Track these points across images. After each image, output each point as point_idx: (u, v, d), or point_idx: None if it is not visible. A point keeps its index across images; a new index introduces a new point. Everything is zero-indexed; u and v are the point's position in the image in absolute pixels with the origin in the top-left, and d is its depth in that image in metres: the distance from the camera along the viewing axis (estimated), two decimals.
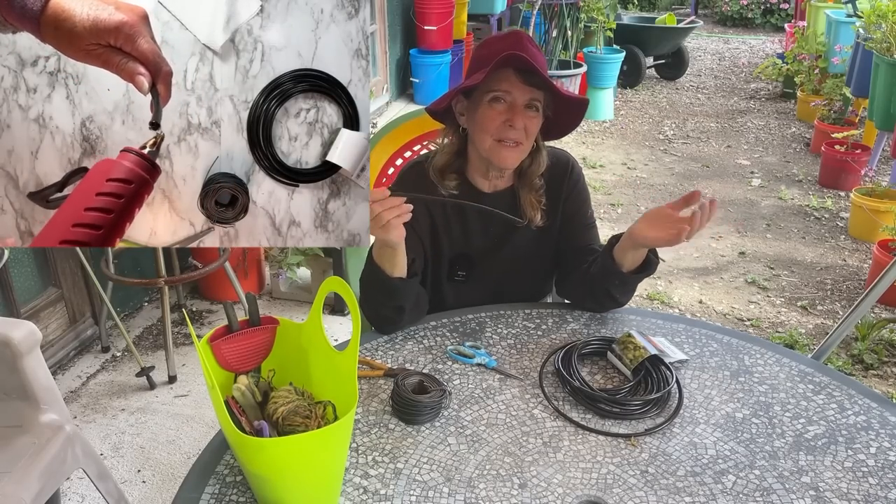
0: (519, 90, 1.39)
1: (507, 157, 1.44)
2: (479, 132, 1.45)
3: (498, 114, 1.41)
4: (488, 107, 1.42)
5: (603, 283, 1.47)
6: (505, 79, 1.39)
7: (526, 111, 1.41)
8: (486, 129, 1.43)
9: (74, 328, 2.78)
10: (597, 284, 1.48)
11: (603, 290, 1.48)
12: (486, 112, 1.42)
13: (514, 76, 1.38)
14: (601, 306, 1.53)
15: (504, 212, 1.49)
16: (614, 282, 1.45)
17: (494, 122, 1.41)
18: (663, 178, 4.77)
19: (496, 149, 1.43)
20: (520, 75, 1.38)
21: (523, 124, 1.41)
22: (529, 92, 1.40)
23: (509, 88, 1.39)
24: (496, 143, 1.43)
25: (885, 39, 3.81)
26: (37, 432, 1.58)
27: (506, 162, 1.45)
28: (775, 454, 1.14)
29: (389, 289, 1.39)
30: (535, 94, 1.40)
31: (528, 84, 1.39)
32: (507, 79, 1.39)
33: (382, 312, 1.43)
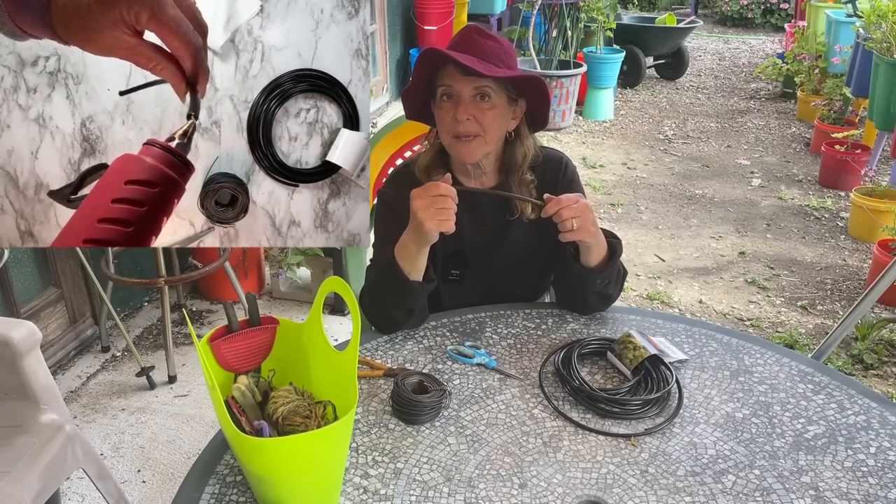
0: (460, 82, 1.39)
1: (465, 152, 1.44)
2: (440, 130, 1.47)
3: (447, 110, 1.42)
4: (439, 105, 1.43)
5: (587, 286, 1.47)
6: (447, 74, 1.40)
7: (476, 102, 1.40)
8: (443, 127, 1.45)
9: (74, 328, 2.78)
10: (583, 289, 1.48)
11: (590, 293, 1.48)
12: (438, 111, 1.44)
13: (454, 70, 1.39)
14: (601, 306, 1.53)
15: (494, 208, 1.51)
16: (595, 280, 1.45)
17: (446, 119, 1.42)
18: (663, 178, 4.77)
19: (454, 145, 1.44)
20: (458, 68, 1.38)
21: (469, 116, 1.40)
22: (471, 82, 1.39)
23: (450, 82, 1.40)
24: (453, 139, 1.43)
25: (885, 39, 3.80)
26: (37, 432, 1.58)
27: (464, 157, 1.45)
28: (775, 454, 1.14)
29: (406, 290, 1.39)
30: (478, 83, 1.39)
31: (467, 75, 1.38)
32: (449, 73, 1.40)
33: (391, 313, 1.43)
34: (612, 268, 1.45)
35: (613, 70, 5.97)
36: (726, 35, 9.83)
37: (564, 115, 5.71)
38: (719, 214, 4.22)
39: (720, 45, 9.16)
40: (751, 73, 7.37)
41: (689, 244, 3.85)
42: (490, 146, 1.46)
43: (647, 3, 10.75)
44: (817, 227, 4.05)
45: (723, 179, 4.76)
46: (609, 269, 1.44)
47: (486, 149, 1.46)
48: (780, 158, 5.12)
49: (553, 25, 6.01)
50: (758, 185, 4.64)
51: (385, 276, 1.41)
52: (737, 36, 9.76)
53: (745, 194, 4.51)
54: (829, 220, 4.13)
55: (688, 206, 4.35)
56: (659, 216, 4.20)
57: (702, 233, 3.99)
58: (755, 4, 10.10)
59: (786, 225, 4.07)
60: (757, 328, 3.08)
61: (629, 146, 5.39)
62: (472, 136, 1.41)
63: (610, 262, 1.45)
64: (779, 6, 9.90)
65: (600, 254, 1.44)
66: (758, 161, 5.07)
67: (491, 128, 1.43)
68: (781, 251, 3.77)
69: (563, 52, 5.91)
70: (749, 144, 5.42)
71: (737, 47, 8.98)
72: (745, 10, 10.16)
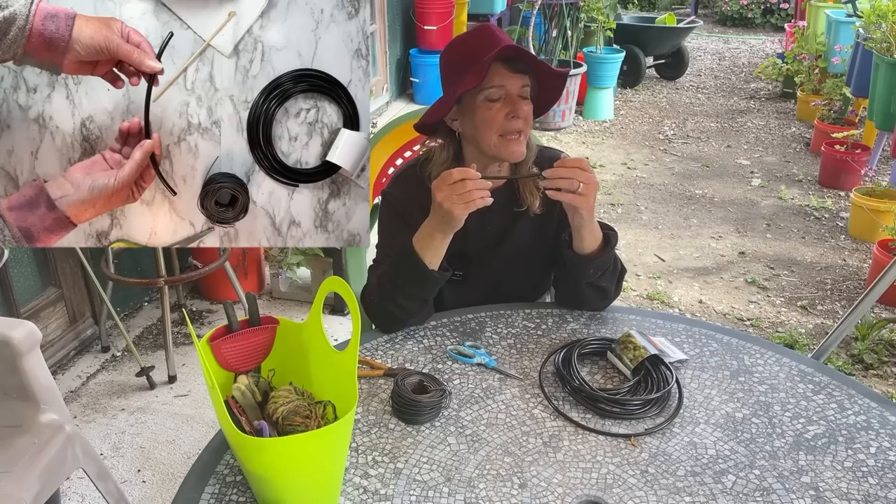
0: (511, 81, 1.40)
1: (516, 150, 1.45)
2: (483, 132, 1.44)
3: (498, 109, 1.42)
4: (486, 106, 1.42)
5: (581, 276, 1.47)
6: (495, 73, 1.40)
7: (521, 100, 1.42)
8: (490, 128, 1.43)
9: (74, 328, 2.78)
10: (578, 280, 1.48)
11: (586, 285, 1.48)
12: (485, 111, 1.42)
13: (502, 68, 1.39)
14: (598, 302, 1.53)
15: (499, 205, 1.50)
16: (589, 270, 1.45)
17: (497, 119, 1.42)
18: (663, 178, 4.78)
19: (503, 144, 1.44)
20: (507, 66, 1.39)
21: (524, 113, 1.42)
22: (520, 80, 1.41)
23: (502, 82, 1.40)
24: (500, 138, 1.43)
25: (885, 39, 3.80)
26: (37, 432, 1.58)
27: (515, 155, 1.46)
28: (775, 454, 1.14)
29: (426, 279, 1.40)
30: (524, 80, 1.42)
31: (516, 72, 1.40)
32: (498, 73, 1.40)
33: (403, 304, 1.43)
34: (605, 256, 1.45)
35: (613, 70, 5.97)
36: (726, 35, 9.82)
37: (564, 115, 5.71)
38: (719, 214, 4.22)
39: (720, 45, 9.16)
40: (751, 73, 7.37)
41: (689, 244, 3.85)
42: (526, 141, 1.49)
43: (647, 3, 10.74)
44: (817, 227, 4.05)
45: (723, 179, 4.76)
46: (602, 257, 1.45)
47: (525, 144, 1.48)
48: (780, 158, 5.12)
49: (553, 25, 6.01)
50: (758, 185, 4.64)
51: (404, 266, 1.41)
52: (737, 36, 9.76)
53: (745, 194, 4.51)
54: (829, 220, 4.13)
55: (688, 206, 4.35)
56: (659, 216, 4.20)
57: (702, 233, 3.99)
58: (755, 4, 10.09)
59: (786, 225, 4.07)
60: (757, 328, 3.08)
61: (629, 146, 5.40)
62: (520, 133, 1.43)
63: (604, 251, 1.45)
64: (779, 6, 9.89)
65: (594, 242, 1.44)
66: (758, 161, 5.07)
67: (530, 123, 1.46)
68: (781, 251, 3.77)
69: (563, 52, 5.91)
70: (749, 144, 5.42)
71: (737, 47, 8.98)
72: (745, 10, 10.16)
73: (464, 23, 5.93)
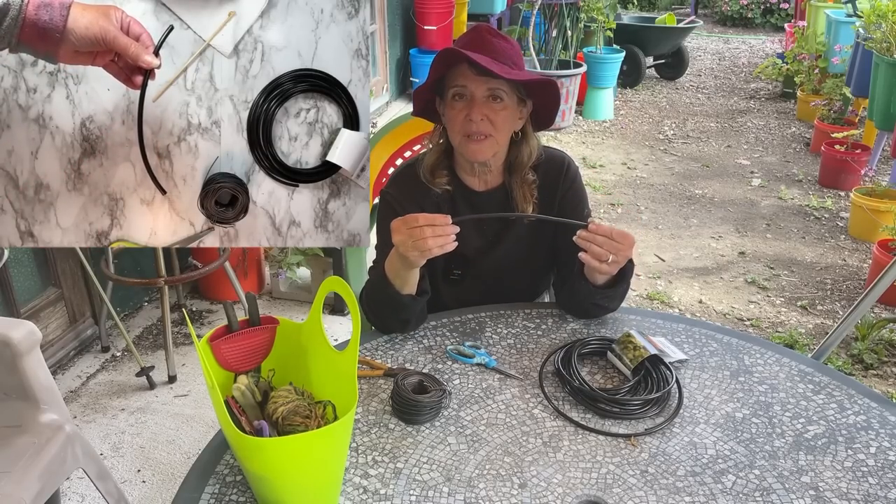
0: (474, 83, 1.40)
1: (476, 151, 1.45)
2: (449, 130, 1.47)
3: (460, 109, 1.42)
4: (451, 104, 1.44)
5: (588, 299, 1.46)
6: (461, 73, 1.40)
7: (489, 103, 1.41)
8: (454, 126, 1.45)
9: (74, 328, 2.78)
10: (584, 300, 1.48)
11: (591, 304, 1.48)
12: (450, 110, 1.44)
13: (468, 70, 1.39)
14: (600, 314, 1.53)
15: (495, 208, 1.52)
16: (597, 296, 1.45)
17: (458, 118, 1.43)
18: (663, 178, 4.77)
19: (465, 144, 1.45)
20: (472, 68, 1.38)
21: (483, 116, 1.41)
22: (485, 83, 1.40)
23: (465, 83, 1.40)
24: (464, 138, 1.44)
25: (884, 39, 3.80)
26: (37, 432, 1.58)
27: (475, 155, 1.45)
28: (775, 454, 1.14)
29: (399, 305, 1.40)
30: (491, 84, 1.40)
31: (481, 75, 1.39)
32: (463, 73, 1.40)
33: (387, 323, 1.45)
34: (619, 288, 1.45)
35: (613, 70, 5.97)
36: (726, 35, 9.83)
37: (564, 115, 5.70)
38: (719, 214, 4.22)
39: (720, 45, 9.16)
40: (751, 73, 7.37)
41: (689, 244, 3.85)
42: (500, 146, 1.48)
43: (647, 3, 10.75)
44: (817, 227, 4.05)
45: (723, 179, 4.76)
46: (614, 289, 1.45)
47: (496, 149, 1.47)
48: (780, 158, 5.12)
49: (553, 25, 6.01)
50: (758, 185, 4.64)
51: (378, 291, 1.42)
52: (737, 36, 9.76)
53: (745, 194, 4.51)
54: (829, 220, 4.13)
55: (688, 206, 4.35)
56: (659, 216, 4.20)
57: (702, 233, 3.99)
58: (755, 4, 10.09)
59: (786, 225, 4.07)
60: (757, 328, 3.08)
61: (629, 146, 5.39)
62: (483, 135, 1.42)
63: (618, 284, 1.44)
64: (779, 6, 9.89)
65: (609, 276, 1.42)
66: (758, 161, 5.07)
67: (502, 128, 1.44)
68: (781, 251, 3.77)
69: (563, 51, 5.91)
70: (749, 144, 5.42)
71: (737, 47, 8.98)
72: (745, 10, 10.16)
73: (464, 23, 5.93)
